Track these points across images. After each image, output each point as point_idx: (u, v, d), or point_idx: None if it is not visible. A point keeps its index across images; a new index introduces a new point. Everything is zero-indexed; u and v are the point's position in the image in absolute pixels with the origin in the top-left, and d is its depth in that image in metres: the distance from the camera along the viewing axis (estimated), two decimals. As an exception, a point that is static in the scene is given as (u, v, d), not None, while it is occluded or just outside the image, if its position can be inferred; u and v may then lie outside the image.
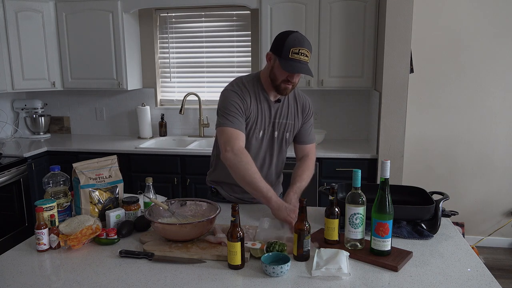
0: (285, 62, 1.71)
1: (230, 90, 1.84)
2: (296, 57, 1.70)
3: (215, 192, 2.09)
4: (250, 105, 1.84)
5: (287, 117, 1.94)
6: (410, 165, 3.64)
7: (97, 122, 4.17)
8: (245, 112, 1.82)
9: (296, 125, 1.98)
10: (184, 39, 3.95)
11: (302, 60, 1.71)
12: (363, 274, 1.37)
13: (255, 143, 1.92)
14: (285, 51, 1.70)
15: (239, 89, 1.84)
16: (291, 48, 1.69)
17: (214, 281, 1.33)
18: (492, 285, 1.30)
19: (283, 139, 1.97)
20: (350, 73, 3.37)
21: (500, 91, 3.50)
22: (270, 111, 1.90)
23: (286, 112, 1.93)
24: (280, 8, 3.34)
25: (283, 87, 1.79)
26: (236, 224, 1.39)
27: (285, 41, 1.71)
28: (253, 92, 1.86)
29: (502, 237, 3.71)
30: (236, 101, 1.81)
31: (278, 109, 1.91)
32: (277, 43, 1.76)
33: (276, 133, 1.94)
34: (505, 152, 3.59)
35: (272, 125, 1.92)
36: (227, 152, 1.75)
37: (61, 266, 1.45)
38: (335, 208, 1.51)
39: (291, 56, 1.70)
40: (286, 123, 1.94)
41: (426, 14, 3.44)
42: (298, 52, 1.69)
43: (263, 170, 1.97)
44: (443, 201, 1.70)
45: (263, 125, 1.90)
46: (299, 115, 1.98)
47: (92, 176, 1.76)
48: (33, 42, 3.63)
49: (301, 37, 1.73)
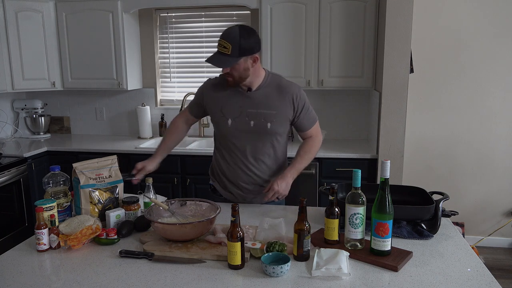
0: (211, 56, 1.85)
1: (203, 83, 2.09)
2: (218, 48, 1.83)
3: (212, 189, 2.14)
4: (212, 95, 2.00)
5: (267, 107, 1.92)
6: (410, 165, 3.64)
7: (97, 122, 4.17)
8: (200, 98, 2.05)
9: (284, 115, 1.95)
10: (184, 39, 3.95)
11: (220, 51, 1.82)
12: (363, 274, 1.37)
13: (225, 131, 1.99)
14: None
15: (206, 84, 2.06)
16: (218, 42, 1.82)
17: (214, 281, 1.33)
18: (492, 285, 1.30)
19: (266, 130, 1.93)
20: (350, 73, 3.37)
21: (500, 91, 3.50)
22: (243, 99, 1.94)
23: (265, 102, 1.92)
24: (280, 8, 3.34)
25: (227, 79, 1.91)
26: (236, 224, 1.39)
27: None
28: (221, 85, 1.99)
29: (502, 237, 3.71)
30: (197, 93, 2.09)
31: (254, 99, 1.93)
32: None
33: (253, 123, 1.93)
34: (505, 152, 3.59)
35: (244, 114, 1.93)
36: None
37: (61, 266, 1.45)
38: (335, 208, 1.51)
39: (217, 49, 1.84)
40: (266, 113, 1.92)
41: (426, 14, 3.44)
42: (218, 43, 1.82)
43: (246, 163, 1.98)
44: (443, 201, 1.70)
45: (231, 113, 1.95)
46: (287, 105, 1.94)
47: (92, 176, 1.76)
48: (33, 42, 3.63)
49: (228, 30, 1.82)
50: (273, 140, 1.98)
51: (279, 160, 2.05)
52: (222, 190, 2.09)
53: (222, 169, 2.06)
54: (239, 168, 2.00)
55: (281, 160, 2.06)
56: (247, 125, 1.94)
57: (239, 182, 2.02)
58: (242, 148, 1.98)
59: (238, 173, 2.01)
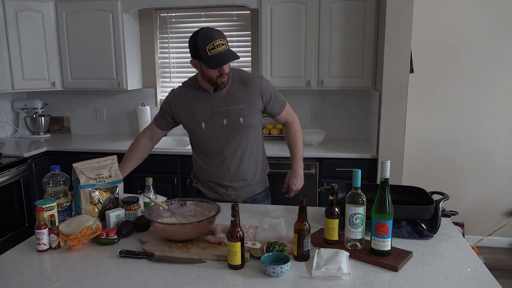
0: (209, 62, 1.77)
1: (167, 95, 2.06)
2: (215, 52, 1.74)
3: (197, 191, 2.15)
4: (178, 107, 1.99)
5: (236, 102, 1.94)
6: (410, 165, 3.64)
7: (97, 122, 4.17)
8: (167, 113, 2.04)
9: (254, 107, 1.97)
10: (184, 39, 3.95)
11: (222, 51, 1.76)
12: (363, 274, 1.37)
13: (200, 135, 1.99)
14: (202, 52, 1.75)
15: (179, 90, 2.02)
16: (205, 48, 1.74)
17: (214, 281, 1.33)
18: (492, 285, 1.30)
19: (239, 125, 1.95)
20: (350, 73, 3.37)
21: (500, 91, 3.50)
22: (212, 102, 1.94)
23: (231, 98, 1.94)
24: (280, 8, 3.34)
25: (219, 81, 1.86)
26: (236, 224, 1.39)
27: (198, 44, 1.75)
28: (190, 90, 1.98)
29: (502, 237, 3.71)
30: (165, 102, 2.05)
31: (221, 98, 1.94)
32: (192, 48, 1.80)
33: (226, 121, 1.94)
34: (505, 152, 3.59)
35: (216, 114, 1.94)
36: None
37: (61, 266, 1.45)
38: (335, 208, 1.51)
39: (210, 54, 1.74)
40: (236, 108, 1.94)
41: (426, 14, 3.44)
42: (213, 46, 1.74)
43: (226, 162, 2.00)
44: (443, 201, 1.70)
45: (203, 117, 1.95)
46: (254, 95, 1.96)
47: (92, 176, 1.76)
48: (33, 42, 3.63)
49: (208, 31, 1.77)
50: (249, 133, 2.00)
51: (258, 152, 2.08)
52: (206, 191, 2.10)
53: (204, 171, 2.07)
54: (220, 167, 2.01)
55: (260, 151, 2.09)
56: (221, 125, 1.95)
57: (222, 181, 2.04)
58: (220, 147, 1.99)
59: (220, 172, 2.02)
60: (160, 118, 2.08)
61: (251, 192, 2.10)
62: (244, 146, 2.00)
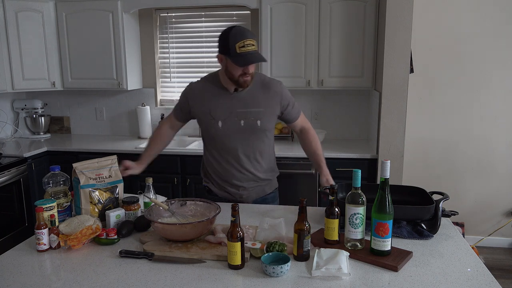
0: (236, 59, 1.78)
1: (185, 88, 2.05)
2: (244, 50, 1.77)
3: (208, 190, 2.14)
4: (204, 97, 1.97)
5: (255, 105, 1.96)
6: (410, 165, 3.64)
7: (97, 122, 4.17)
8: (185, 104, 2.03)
9: (272, 111, 1.99)
10: (184, 39, 3.95)
11: (251, 51, 1.78)
12: (363, 274, 1.37)
13: (215, 133, 1.98)
14: (232, 49, 1.77)
15: (196, 84, 2.02)
16: (235, 44, 1.76)
17: (214, 281, 1.33)
18: (492, 285, 1.30)
19: (256, 127, 1.97)
20: (350, 73, 3.37)
21: (500, 91, 3.50)
22: (231, 101, 1.95)
23: (252, 100, 1.96)
24: (280, 8, 3.34)
25: (241, 80, 1.86)
26: (236, 224, 1.39)
27: (229, 40, 1.77)
28: (210, 86, 1.97)
29: (502, 237, 3.71)
30: (181, 98, 2.06)
31: (241, 99, 1.95)
32: (222, 43, 1.82)
33: (243, 122, 1.95)
34: (505, 152, 3.59)
35: (234, 115, 1.95)
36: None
37: (61, 266, 1.45)
38: (335, 208, 1.51)
39: (239, 51, 1.77)
40: (255, 111, 1.96)
41: (426, 14, 3.44)
42: (244, 45, 1.77)
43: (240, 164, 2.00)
44: (443, 201, 1.70)
45: (221, 115, 1.95)
46: (274, 100, 1.99)
47: (92, 176, 1.76)
48: (33, 42, 3.63)
49: (242, 30, 1.80)
50: (263, 136, 2.03)
51: (270, 154, 2.11)
52: (217, 190, 2.10)
53: (215, 169, 2.07)
54: (232, 166, 2.02)
55: (271, 153, 2.12)
56: (238, 125, 1.96)
57: (233, 181, 2.04)
58: (234, 147, 1.99)
59: (232, 172, 2.02)
60: (178, 110, 2.09)
61: (261, 192, 2.11)
62: (258, 148, 2.03)
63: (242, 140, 1.98)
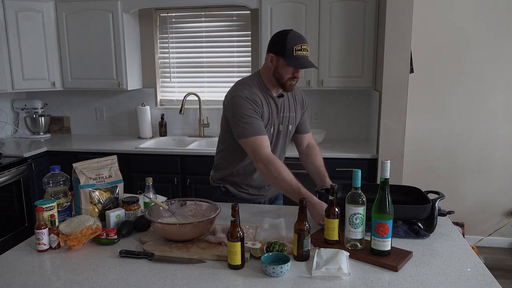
0: (291, 60, 1.78)
1: (240, 97, 1.84)
2: (300, 54, 1.78)
3: (224, 191, 2.07)
4: (262, 104, 1.88)
5: (289, 110, 2.01)
6: (410, 165, 3.64)
7: (97, 122, 4.17)
8: (259, 112, 1.86)
9: (297, 117, 2.06)
10: (184, 39, 3.95)
11: (305, 55, 1.81)
12: (363, 274, 1.37)
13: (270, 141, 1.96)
14: (288, 50, 1.77)
15: (249, 93, 1.85)
16: (294, 47, 1.77)
17: (214, 281, 1.33)
18: (492, 285, 1.30)
19: (288, 132, 2.04)
20: (350, 73, 3.37)
21: (500, 91, 3.50)
22: (277, 106, 1.96)
23: (287, 105, 2.01)
24: (280, 8, 3.34)
25: (288, 84, 1.86)
26: (236, 224, 1.39)
27: (286, 41, 1.77)
28: (259, 91, 1.90)
29: (502, 237, 3.71)
30: (248, 106, 1.82)
31: (282, 103, 1.98)
32: (277, 44, 1.81)
33: (282, 127, 2.00)
34: (505, 152, 3.59)
35: (278, 119, 1.98)
36: (258, 163, 1.80)
37: (61, 266, 1.45)
38: (335, 208, 1.51)
39: (295, 54, 1.78)
40: (289, 116, 2.01)
41: (426, 14, 3.44)
42: (301, 48, 1.78)
43: None
44: (439, 200, 1.70)
45: (273, 121, 1.95)
46: (298, 107, 2.06)
47: (92, 176, 1.76)
48: (33, 42, 3.63)
49: (299, 34, 1.83)
50: (288, 140, 2.09)
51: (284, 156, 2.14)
52: (235, 191, 2.06)
53: (239, 171, 2.00)
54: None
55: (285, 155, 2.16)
56: (277, 130, 1.99)
57: (260, 182, 2.04)
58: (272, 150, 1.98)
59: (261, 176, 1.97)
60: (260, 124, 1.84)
61: (275, 190, 2.15)
62: (283, 152, 2.08)
63: (277, 145, 2.02)
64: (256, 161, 1.80)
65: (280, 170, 1.75)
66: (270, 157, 1.78)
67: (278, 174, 1.75)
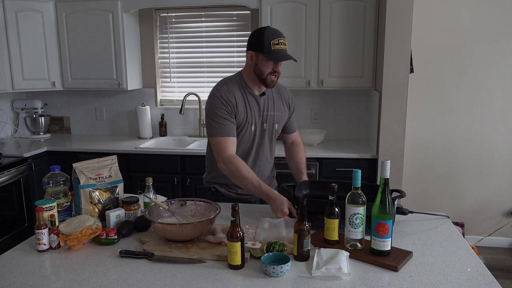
0: (270, 55, 1.81)
1: (216, 96, 1.89)
2: (278, 48, 1.81)
3: (214, 191, 2.12)
4: (237, 104, 1.91)
5: (274, 108, 2.02)
6: (410, 165, 3.64)
7: (97, 122, 4.17)
8: (232, 112, 1.89)
9: (283, 116, 2.07)
10: (184, 39, 3.95)
11: (283, 49, 1.83)
12: (363, 274, 1.37)
13: (248, 138, 1.98)
14: (266, 45, 1.80)
15: (225, 92, 1.89)
16: (271, 41, 1.81)
17: (214, 281, 1.33)
18: (492, 285, 1.30)
19: (273, 131, 2.05)
20: (350, 73, 3.37)
21: (500, 91, 3.50)
22: (258, 105, 1.97)
23: (272, 104, 2.02)
24: (280, 8, 3.34)
25: (269, 79, 1.88)
26: (236, 224, 1.39)
27: (263, 37, 1.81)
28: (238, 90, 1.93)
29: (502, 237, 3.71)
30: (221, 106, 1.87)
31: (265, 102, 1.99)
32: (255, 40, 1.86)
33: (266, 125, 2.00)
34: (505, 152, 3.59)
35: (261, 118, 1.99)
36: (219, 163, 1.90)
37: (61, 266, 1.45)
38: (335, 208, 1.51)
39: (273, 48, 1.81)
40: (274, 114, 2.02)
41: (426, 14, 3.44)
42: (278, 42, 1.81)
43: (257, 164, 2.04)
44: (398, 199, 1.71)
45: (254, 119, 1.96)
46: (285, 106, 2.08)
47: (92, 176, 1.76)
48: (33, 42, 3.63)
49: (276, 29, 1.86)
50: (274, 139, 2.10)
51: (273, 156, 2.16)
52: (224, 191, 2.09)
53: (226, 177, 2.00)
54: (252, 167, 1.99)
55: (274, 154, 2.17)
56: (262, 128, 2.00)
57: None
58: (256, 149, 2.02)
59: None
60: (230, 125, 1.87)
61: None
62: (269, 151, 2.09)
63: (262, 144, 2.03)
64: (218, 161, 1.88)
65: (240, 169, 1.82)
66: (231, 157, 1.85)
67: (238, 173, 1.83)
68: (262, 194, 1.82)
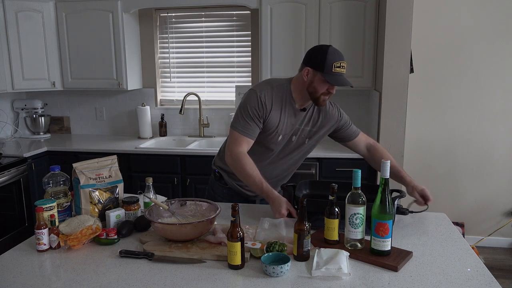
0: (329, 77, 1.78)
1: (255, 93, 1.87)
2: (338, 71, 1.79)
3: (218, 176, 2.11)
4: (272, 111, 1.87)
5: (309, 124, 1.98)
6: (410, 165, 3.64)
7: (97, 122, 4.17)
8: (262, 116, 1.86)
9: (321, 132, 2.01)
10: (184, 39, 3.95)
11: (342, 73, 1.81)
12: (363, 274, 1.37)
13: (270, 145, 1.94)
14: (327, 66, 1.77)
15: (264, 94, 1.86)
16: (333, 63, 1.77)
17: (214, 281, 1.33)
18: (492, 285, 1.30)
19: (302, 144, 2.00)
20: (350, 73, 3.32)
21: (500, 91, 3.50)
22: (295, 118, 1.93)
23: (308, 120, 1.97)
24: (280, 8, 3.34)
25: (322, 99, 1.86)
26: (236, 224, 1.39)
27: (326, 57, 1.77)
28: (279, 98, 1.89)
29: (502, 237, 3.71)
30: (255, 106, 1.85)
31: (303, 117, 1.95)
32: (316, 59, 1.80)
33: (294, 138, 1.97)
34: (505, 152, 3.59)
35: (292, 130, 1.95)
36: (227, 156, 1.90)
37: (61, 266, 1.45)
38: (335, 208, 1.51)
39: (334, 71, 1.78)
40: (309, 130, 1.98)
41: (426, 14, 3.44)
42: (339, 65, 1.79)
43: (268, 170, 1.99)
44: (398, 199, 1.72)
45: (283, 130, 1.92)
46: (327, 127, 2.02)
47: (92, 176, 1.76)
48: (33, 42, 3.63)
49: (338, 51, 1.82)
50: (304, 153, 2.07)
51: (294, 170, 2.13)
52: (229, 179, 2.07)
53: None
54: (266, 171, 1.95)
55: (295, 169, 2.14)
56: (290, 140, 1.97)
57: None
58: (276, 158, 1.99)
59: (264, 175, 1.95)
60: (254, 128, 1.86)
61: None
62: (294, 162, 2.06)
63: (286, 154, 2.00)
64: (227, 154, 1.90)
65: (245, 167, 1.83)
66: (241, 154, 1.85)
67: (242, 170, 1.83)
68: (263, 193, 1.82)
